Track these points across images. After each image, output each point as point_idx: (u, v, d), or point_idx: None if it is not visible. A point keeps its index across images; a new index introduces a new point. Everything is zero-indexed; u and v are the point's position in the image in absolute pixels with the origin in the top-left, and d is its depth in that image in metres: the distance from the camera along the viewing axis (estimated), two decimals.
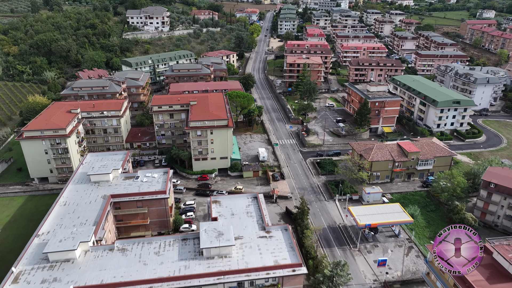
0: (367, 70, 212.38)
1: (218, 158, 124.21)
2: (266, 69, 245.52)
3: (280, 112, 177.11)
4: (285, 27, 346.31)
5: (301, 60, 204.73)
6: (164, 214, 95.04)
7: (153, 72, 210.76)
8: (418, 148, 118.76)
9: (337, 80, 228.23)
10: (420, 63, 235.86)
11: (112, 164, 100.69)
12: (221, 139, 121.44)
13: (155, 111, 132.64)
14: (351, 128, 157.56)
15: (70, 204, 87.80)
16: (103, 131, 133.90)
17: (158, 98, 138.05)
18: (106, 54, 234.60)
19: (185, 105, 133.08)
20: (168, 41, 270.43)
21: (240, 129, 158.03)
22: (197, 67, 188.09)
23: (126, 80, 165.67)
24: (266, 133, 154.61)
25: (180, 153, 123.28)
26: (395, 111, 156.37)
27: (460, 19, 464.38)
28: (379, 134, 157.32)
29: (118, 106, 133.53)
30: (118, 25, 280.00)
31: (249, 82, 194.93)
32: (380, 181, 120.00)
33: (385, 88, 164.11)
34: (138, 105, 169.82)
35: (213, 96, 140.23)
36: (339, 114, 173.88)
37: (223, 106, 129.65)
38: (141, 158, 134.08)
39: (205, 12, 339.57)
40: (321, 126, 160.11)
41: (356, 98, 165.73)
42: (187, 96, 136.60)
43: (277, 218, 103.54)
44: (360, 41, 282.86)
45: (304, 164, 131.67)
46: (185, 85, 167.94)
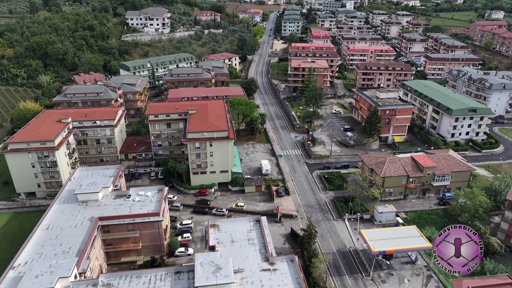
0: (375, 74, 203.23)
1: (218, 171, 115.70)
2: (269, 72, 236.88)
3: (284, 119, 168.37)
4: (289, 28, 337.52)
5: (306, 64, 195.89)
6: (158, 237, 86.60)
7: (152, 76, 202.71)
8: (434, 162, 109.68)
9: (343, 84, 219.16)
10: (430, 67, 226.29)
11: (102, 182, 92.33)
12: (221, 151, 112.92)
13: (151, 120, 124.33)
14: (359, 137, 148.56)
15: (53, 228, 79.53)
16: (96, 142, 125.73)
17: (154, 106, 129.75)
18: (104, 57, 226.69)
19: (183, 113, 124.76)
20: (168, 43, 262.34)
21: (242, 138, 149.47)
22: (198, 71, 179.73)
23: (122, 85, 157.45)
24: (270, 142, 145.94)
25: (177, 166, 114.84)
26: (406, 120, 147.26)
27: (469, 20, 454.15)
28: (390, 144, 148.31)
29: (112, 115, 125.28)
30: (117, 27, 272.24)
31: (252, 87, 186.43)
32: (393, 198, 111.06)
33: (395, 95, 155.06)
34: (135, 112, 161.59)
35: (213, 104, 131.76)
36: (346, 122, 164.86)
37: (223, 116, 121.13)
38: (136, 170, 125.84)
39: (207, 13, 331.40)
40: (327, 135, 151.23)
41: (364, 105, 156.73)
42: (186, 104, 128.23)
43: (281, 240, 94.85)
44: (367, 44, 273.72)
45: (310, 178, 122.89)
46: (184, 91, 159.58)
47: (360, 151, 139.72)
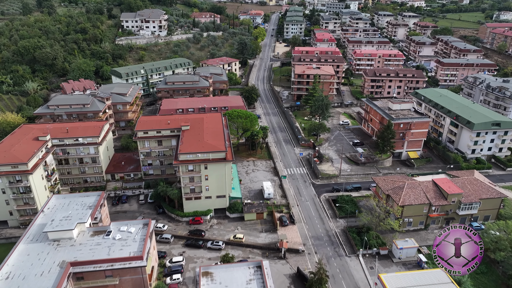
0: (384, 81, 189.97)
1: (214, 196, 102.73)
2: (271, 78, 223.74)
3: (288, 132, 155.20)
4: (292, 30, 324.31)
5: (311, 71, 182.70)
6: (141, 284, 73.64)
7: (146, 83, 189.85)
8: (459, 188, 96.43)
9: (350, 91, 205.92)
10: (442, 73, 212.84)
11: (78, 215, 79.41)
12: (218, 175, 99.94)
13: (140, 138, 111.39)
14: (371, 153, 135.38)
15: (14, 277, 66.49)
16: (79, 161, 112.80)
17: (144, 121, 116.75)
18: (96, 62, 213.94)
19: (176, 129, 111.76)
20: (165, 46, 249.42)
21: (242, 154, 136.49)
22: (194, 79, 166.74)
23: (112, 95, 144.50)
24: (272, 159, 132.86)
25: (169, 191, 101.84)
26: (422, 134, 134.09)
27: (477, 21, 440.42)
28: (404, 160, 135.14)
29: (97, 131, 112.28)
30: (112, 29, 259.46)
31: (253, 95, 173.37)
32: (412, 228, 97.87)
33: (409, 106, 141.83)
34: (125, 124, 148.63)
35: (210, 118, 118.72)
36: (355, 135, 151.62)
37: (220, 133, 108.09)
38: (124, 192, 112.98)
39: (206, 15, 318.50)
40: (335, 151, 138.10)
41: (376, 117, 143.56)
42: (178, 119, 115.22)
43: (286, 282, 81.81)
44: (374, 47, 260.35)
45: (317, 202, 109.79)
46: (179, 101, 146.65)
47: (372, 170, 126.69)
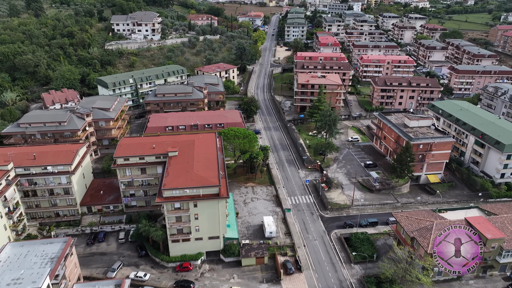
0: (396, 91, 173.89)
1: (205, 238, 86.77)
2: (272, 86, 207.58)
3: (291, 150, 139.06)
4: (293, 33, 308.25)
5: (316, 80, 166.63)
6: None
7: (136, 93, 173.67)
8: (500, 230, 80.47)
9: (358, 101, 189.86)
10: (456, 81, 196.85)
11: (33, 276, 63.45)
12: (210, 213, 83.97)
13: (120, 165, 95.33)
14: (386, 177, 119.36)
15: None
16: (49, 192, 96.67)
17: (125, 144, 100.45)
18: (83, 69, 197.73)
19: (162, 155, 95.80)
20: (158, 52, 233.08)
21: (239, 178, 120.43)
22: (187, 90, 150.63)
23: (93, 111, 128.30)
24: (274, 184, 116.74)
25: (152, 231, 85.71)
26: (445, 156, 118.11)
27: (485, 23, 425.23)
28: (423, 185, 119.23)
29: (69, 157, 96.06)
30: (101, 33, 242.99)
31: (252, 108, 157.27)
32: (443, 278, 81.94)
33: (429, 123, 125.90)
34: (109, 143, 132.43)
35: (202, 140, 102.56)
36: (367, 154, 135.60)
37: (214, 160, 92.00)
38: (101, 228, 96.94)
39: (203, 17, 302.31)
40: (345, 174, 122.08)
41: (390, 135, 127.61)
42: (165, 142, 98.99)
43: None
44: (381, 52, 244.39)
45: (327, 241, 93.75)
46: (169, 117, 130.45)
47: (389, 198, 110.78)
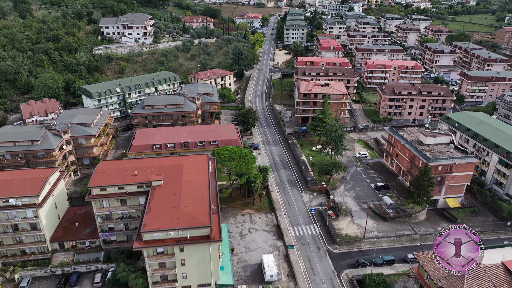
0: (405, 100, 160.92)
1: (194, 285, 73.47)
2: (271, 93, 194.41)
3: (293, 168, 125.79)
4: (293, 36, 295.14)
5: (319, 89, 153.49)
6: None
7: (123, 103, 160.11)
8: None
9: (363, 110, 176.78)
10: (468, 88, 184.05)
11: None
12: (200, 258, 70.67)
13: (96, 196, 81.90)
14: (400, 202, 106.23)
15: None
16: (13, 228, 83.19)
17: (102, 170, 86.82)
18: (68, 75, 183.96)
19: (145, 184, 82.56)
20: (150, 56, 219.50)
21: (235, 203, 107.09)
22: (178, 101, 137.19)
23: (72, 127, 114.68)
24: (274, 211, 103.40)
25: (130, 279, 72.34)
26: (466, 178, 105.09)
27: (489, 24, 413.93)
28: (441, 210, 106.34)
29: (36, 188, 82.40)
30: (90, 37, 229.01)
31: (249, 120, 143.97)
32: None
33: (446, 139, 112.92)
34: (90, 162, 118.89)
35: (192, 164, 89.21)
36: (377, 172, 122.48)
37: (205, 190, 78.65)
38: (74, 269, 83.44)
39: (198, 19, 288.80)
40: (354, 198, 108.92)
41: (403, 153, 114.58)
42: (148, 170, 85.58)
43: None
44: (385, 56, 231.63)
45: (337, 285, 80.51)
46: (157, 134, 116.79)
47: (405, 227, 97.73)
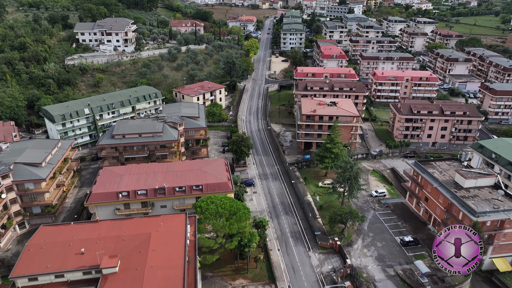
0: (424, 121, 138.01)
1: None
2: (267, 110, 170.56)
3: (296, 213, 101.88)
4: (290, 41, 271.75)
5: (325, 109, 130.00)
6: None
7: (94, 126, 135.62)
8: None
9: (374, 130, 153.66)
10: (492, 103, 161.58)
11: None
12: None
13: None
14: (436, 266, 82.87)
15: None
16: None
17: (37, 246, 62.35)
18: (33, 91, 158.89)
19: (94, 269, 58.46)
20: (131, 66, 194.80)
21: (224, 269, 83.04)
22: (156, 128, 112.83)
23: (15, 168, 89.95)
24: (274, 282, 79.56)
25: None
26: None
27: (495, 26, 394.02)
28: (487, 273, 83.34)
29: None
30: (63, 44, 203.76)
31: (243, 149, 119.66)
32: None
33: (491, 181, 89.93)
34: (41, 211, 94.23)
35: (164, 233, 65.08)
36: (400, 218, 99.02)
37: (178, 278, 54.60)
38: None
39: (187, 23, 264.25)
40: (377, 259, 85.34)
41: (435, 197, 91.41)
42: (101, 238, 61.43)
43: None
44: (394, 65, 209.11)
45: None
46: (126, 176, 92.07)
47: None
